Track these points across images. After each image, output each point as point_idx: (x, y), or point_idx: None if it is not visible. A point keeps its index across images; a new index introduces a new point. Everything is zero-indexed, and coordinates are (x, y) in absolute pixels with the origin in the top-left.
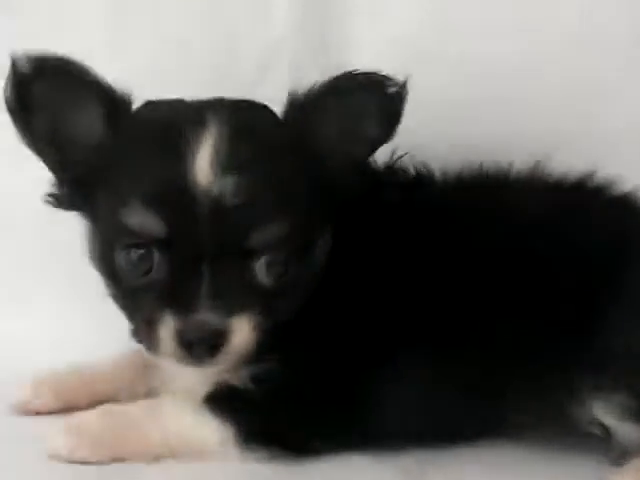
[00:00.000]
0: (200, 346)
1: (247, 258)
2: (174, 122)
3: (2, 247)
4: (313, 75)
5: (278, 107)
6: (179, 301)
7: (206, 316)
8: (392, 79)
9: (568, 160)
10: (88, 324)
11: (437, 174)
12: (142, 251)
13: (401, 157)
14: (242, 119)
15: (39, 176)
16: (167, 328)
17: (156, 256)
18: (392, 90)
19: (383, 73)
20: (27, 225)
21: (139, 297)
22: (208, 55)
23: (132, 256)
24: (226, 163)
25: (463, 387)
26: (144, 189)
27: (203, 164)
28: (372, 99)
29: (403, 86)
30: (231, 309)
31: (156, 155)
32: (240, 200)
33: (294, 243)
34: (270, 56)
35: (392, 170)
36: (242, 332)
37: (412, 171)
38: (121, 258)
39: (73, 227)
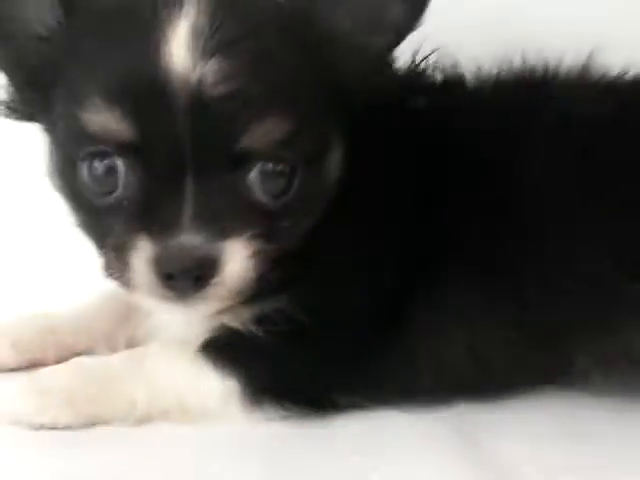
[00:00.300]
0: (183, 278)
1: (239, 166)
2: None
3: None
4: None
5: None
6: (156, 222)
7: (190, 239)
8: None
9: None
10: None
11: (469, 76)
12: (108, 161)
13: (426, 58)
14: None
15: None
16: (141, 256)
17: (122, 166)
18: None
19: None
20: None
21: (107, 220)
22: None
23: (96, 168)
24: (208, 43)
25: (519, 326)
26: (105, 81)
27: (178, 45)
28: None
29: None
30: (222, 231)
31: (119, 38)
32: (227, 89)
33: (298, 148)
34: None
35: (415, 73)
36: (237, 259)
37: (439, 74)
38: (83, 172)
39: None
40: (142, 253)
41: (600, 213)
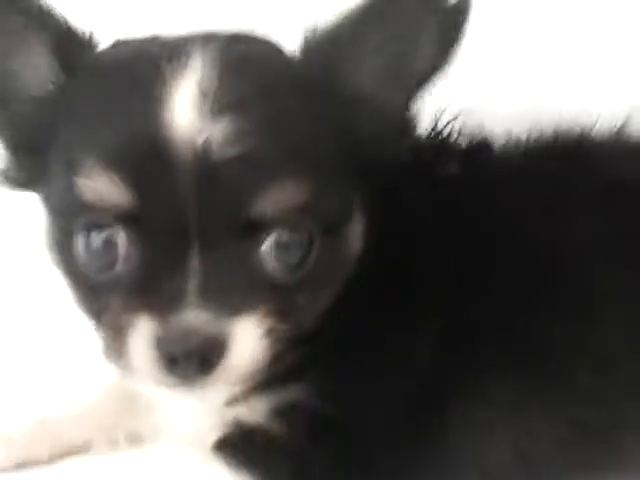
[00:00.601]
0: (187, 360)
1: (251, 235)
2: (144, 57)
3: None
4: None
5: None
6: (157, 298)
7: (195, 317)
8: None
9: None
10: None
11: (496, 141)
12: (106, 233)
13: (450, 122)
14: (238, 49)
15: None
16: (141, 336)
17: (123, 238)
18: None
19: None
20: None
21: (105, 296)
22: None
23: (93, 241)
24: (215, 101)
25: (570, 420)
26: (102, 144)
27: (182, 104)
28: (424, 12)
29: None
30: (231, 307)
31: (118, 98)
32: (237, 151)
33: (316, 215)
34: None
35: (439, 136)
36: (247, 340)
37: (464, 137)
38: (79, 245)
39: None
40: (141, 333)
41: None
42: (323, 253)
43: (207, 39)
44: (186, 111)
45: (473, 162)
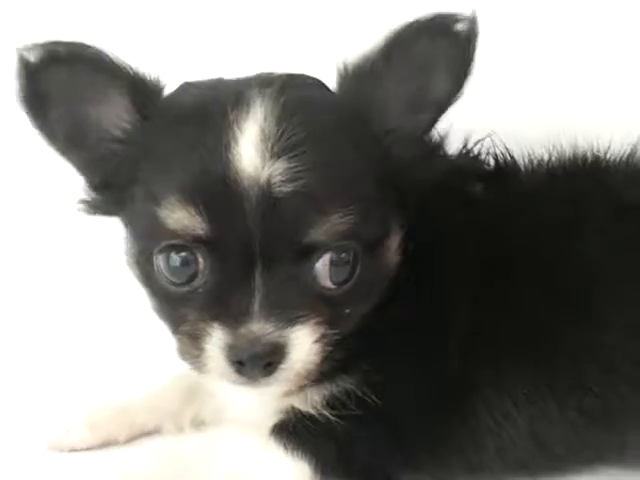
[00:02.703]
0: (254, 363)
1: (306, 258)
2: (213, 103)
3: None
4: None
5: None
6: (228, 311)
7: (260, 328)
8: (458, 16)
9: None
10: (127, 351)
11: (521, 162)
12: (184, 254)
13: (479, 142)
14: (292, 95)
15: None
16: (215, 343)
17: (200, 259)
18: (460, 28)
19: (446, 12)
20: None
21: (182, 307)
22: None
23: (173, 260)
24: (275, 145)
25: (579, 409)
26: (181, 181)
27: (247, 148)
28: (439, 44)
29: (473, 20)
30: (289, 319)
31: (193, 141)
32: (294, 187)
33: (360, 237)
34: None
35: (469, 158)
36: (303, 346)
37: (491, 158)
38: (160, 263)
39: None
40: (215, 341)
41: None
42: (365, 268)
43: (265, 83)
44: (250, 153)
45: (497, 182)
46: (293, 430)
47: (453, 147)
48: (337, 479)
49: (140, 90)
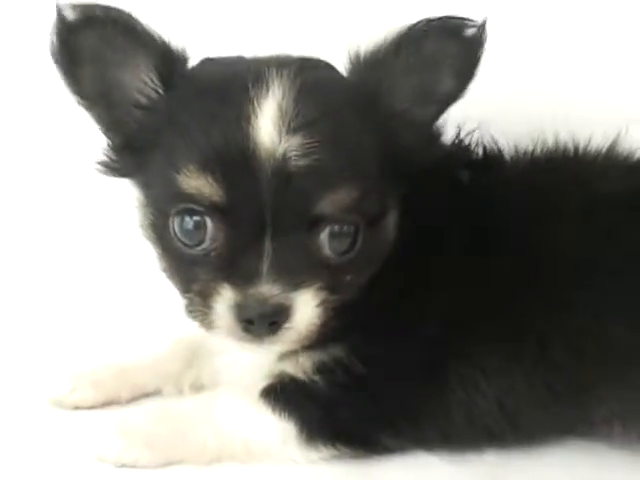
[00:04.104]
0: (260, 322)
1: (313, 227)
2: (234, 79)
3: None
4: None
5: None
6: (238, 273)
7: (267, 289)
8: (469, 21)
9: None
10: (130, 313)
11: (507, 152)
12: (197, 217)
13: (470, 133)
14: (307, 76)
15: None
16: (224, 301)
17: (211, 223)
18: (470, 33)
19: (458, 16)
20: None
21: (194, 268)
22: None
23: (187, 223)
24: (291, 122)
25: (545, 384)
26: (200, 150)
27: (266, 123)
28: (448, 45)
29: (482, 26)
30: (295, 283)
31: (215, 114)
32: (307, 162)
33: (363, 212)
34: None
35: (461, 147)
36: (306, 308)
37: (480, 149)
38: (175, 225)
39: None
40: (225, 300)
41: (617, 285)
42: (366, 241)
43: (283, 64)
44: (268, 128)
45: (483, 170)
46: (281, 393)
47: (447, 136)
48: (320, 440)
49: (167, 59)
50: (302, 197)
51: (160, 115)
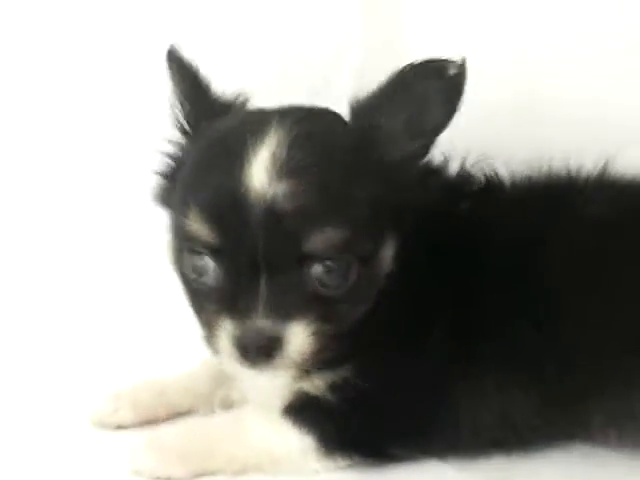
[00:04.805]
0: (256, 352)
1: (303, 265)
2: (237, 130)
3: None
4: (378, 76)
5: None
6: (236, 308)
7: (262, 323)
8: (450, 61)
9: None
10: (165, 336)
11: (506, 180)
12: (200, 257)
13: (474, 164)
14: (304, 126)
15: None
16: (225, 333)
17: (210, 264)
18: (452, 71)
19: (441, 58)
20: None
21: (203, 300)
22: (277, 52)
23: (194, 261)
24: (281, 168)
25: (542, 397)
26: (200, 197)
27: (258, 170)
28: (433, 84)
29: (462, 65)
30: (286, 316)
31: (215, 162)
32: (293, 204)
33: (354, 250)
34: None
35: (464, 178)
36: (298, 338)
37: (482, 178)
38: (186, 262)
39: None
40: (226, 331)
41: (606, 303)
42: (359, 275)
43: (284, 115)
44: (259, 175)
45: (482, 200)
46: (300, 410)
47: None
48: (337, 451)
49: (200, 112)
50: (290, 237)
51: (183, 157)
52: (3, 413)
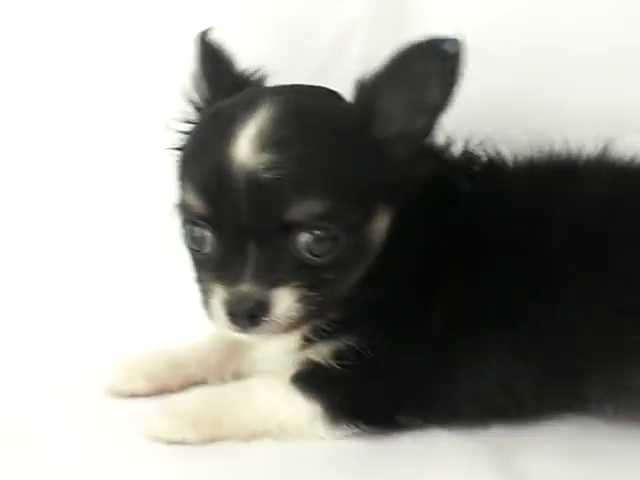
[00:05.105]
0: (243, 316)
1: (289, 233)
2: (232, 106)
3: (91, 235)
4: (384, 54)
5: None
6: (227, 275)
7: (248, 288)
8: (449, 39)
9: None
10: (177, 307)
11: (509, 161)
12: (197, 228)
13: (477, 144)
14: (295, 102)
15: None
16: (217, 298)
17: (207, 234)
18: (450, 50)
19: (438, 36)
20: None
21: (200, 269)
22: (282, 34)
23: (194, 232)
24: (265, 141)
25: (542, 366)
26: (193, 172)
27: (244, 143)
28: (432, 62)
29: (460, 43)
30: (273, 282)
31: (208, 137)
32: (276, 175)
33: (338, 220)
34: (345, 34)
35: (468, 158)
36: (283, 303)
37: (485, 159)
38: (187, 233)
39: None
40: (217, 297)
41: (604, 279)
42: (346, 245)
43: (278, 92)
44: (244, 147)
45: (485, 180)
46: (308, 378)
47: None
48: (343, 419)
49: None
50: (272, 206)
51: (188, 134)
52: (20, 384)
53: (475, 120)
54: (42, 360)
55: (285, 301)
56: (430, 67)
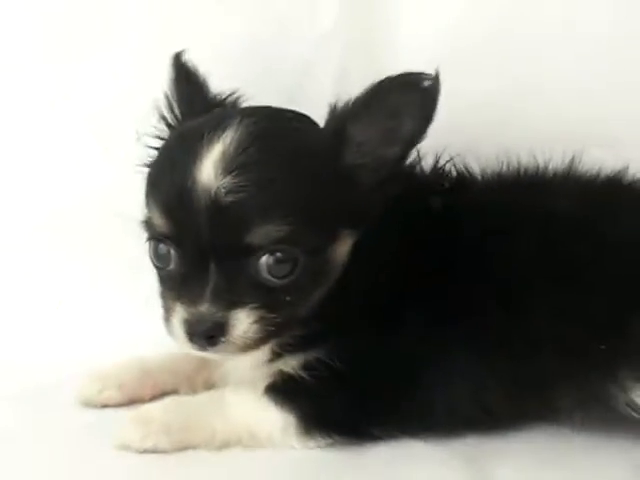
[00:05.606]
0: (201, 337)
1: (249, 255)
2: (199, 128)
3: (71, 246)
4: (357, 72)
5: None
6: (187, 294)
7: (207, 309)
8: (425, 75)
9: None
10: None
11: (478, 176)
12: (161, 245)
13: (449, 161)
14: (261, 125)
15: None
16: (177, 317)
17: (172, 251)
18: (426, 85)
19: (416, 71)
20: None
21: (163, 286)
22: (255, 50)
23: (158, 249)
24: (228, 164)
25: (513, 380)
26: (159, 189)
27: (207, 165)
28: (408, 97)
29: (436, 79)
30: (231, 303)
31: (173, 157)
32: (237, 198)
33: (298, 244)
34: (316, 52)
35: (438, 174)
36: (241, 325)
37: (454, 174)
38: (153, 250)
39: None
40: (177, 315)
41: (571, 292)
42: (307, 268)
43: (247, 114)
44: (207, 170)
45: (454, 195)
46: (280, 389)
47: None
48: (316, 430)
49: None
50: (233, 228)
51: (157, 152)
52: None
53: (445, 136)
54: (10, 370)
55: (243, 322)
56: (406, 100)
